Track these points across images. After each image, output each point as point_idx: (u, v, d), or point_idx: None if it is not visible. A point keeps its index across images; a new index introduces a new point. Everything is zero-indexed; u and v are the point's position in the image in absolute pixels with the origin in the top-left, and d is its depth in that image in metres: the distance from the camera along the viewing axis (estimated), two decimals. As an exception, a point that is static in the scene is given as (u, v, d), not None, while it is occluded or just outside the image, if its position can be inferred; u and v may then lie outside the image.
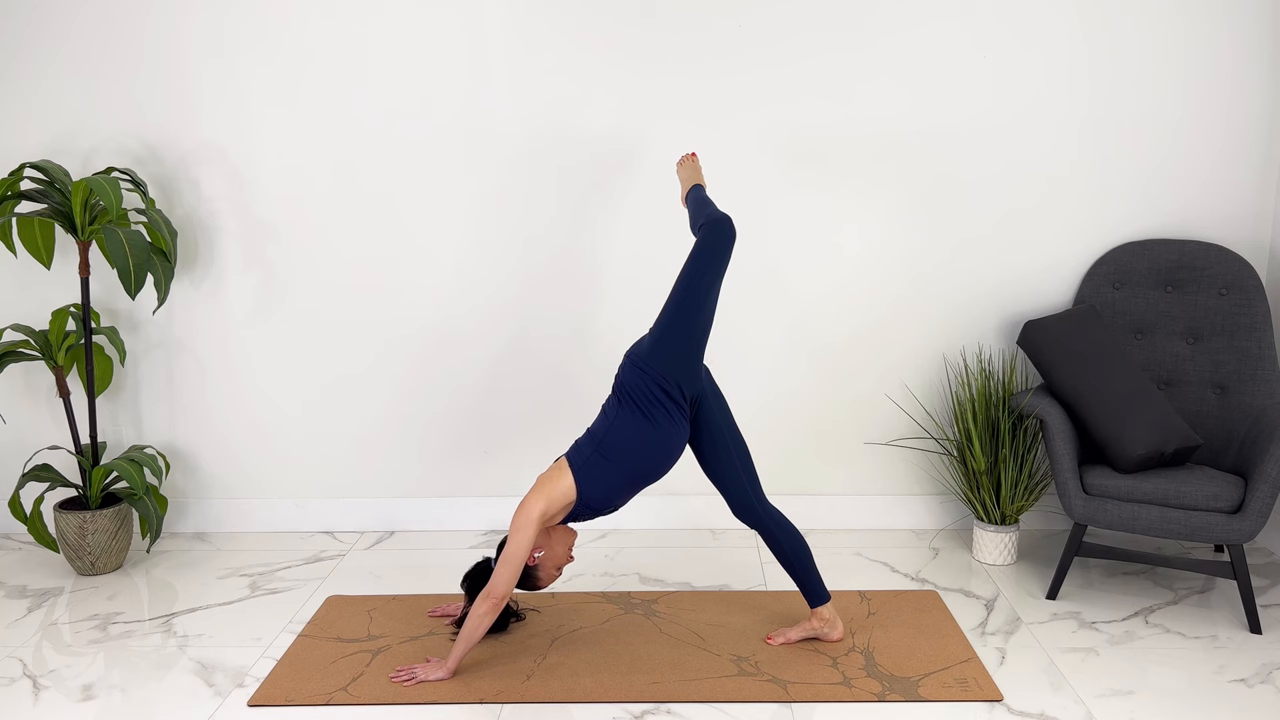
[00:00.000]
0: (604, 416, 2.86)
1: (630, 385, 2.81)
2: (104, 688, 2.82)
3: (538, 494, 2.76)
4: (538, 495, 2.76)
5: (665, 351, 2.81)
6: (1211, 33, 3.57)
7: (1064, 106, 3.63)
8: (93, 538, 3.51)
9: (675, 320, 2.82)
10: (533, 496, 2.76)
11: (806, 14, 3.58)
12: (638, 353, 2.86)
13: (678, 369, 2.80)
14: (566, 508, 2.80)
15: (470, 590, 2.95)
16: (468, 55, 3.63)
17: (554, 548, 2.86)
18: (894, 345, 3.81)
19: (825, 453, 3.88)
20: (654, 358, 2.81)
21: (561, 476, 2.79)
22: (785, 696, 2.71)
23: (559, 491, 2.77)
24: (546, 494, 2.76)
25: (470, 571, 2.99)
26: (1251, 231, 3.68)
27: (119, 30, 3.62)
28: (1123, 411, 3.21)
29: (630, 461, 2.80)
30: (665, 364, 2.80)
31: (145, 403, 3.87)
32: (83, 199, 3.39)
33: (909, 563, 3.60)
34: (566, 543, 2.88)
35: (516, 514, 2.76)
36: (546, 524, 2.80)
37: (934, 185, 3.70)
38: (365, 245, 3.75)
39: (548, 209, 3.72)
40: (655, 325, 2.86)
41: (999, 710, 2.66)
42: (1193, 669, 2.86)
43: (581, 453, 2.82)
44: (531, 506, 2.74)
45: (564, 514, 2.82)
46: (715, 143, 3.66)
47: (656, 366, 2.79)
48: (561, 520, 2.84)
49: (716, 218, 2.86)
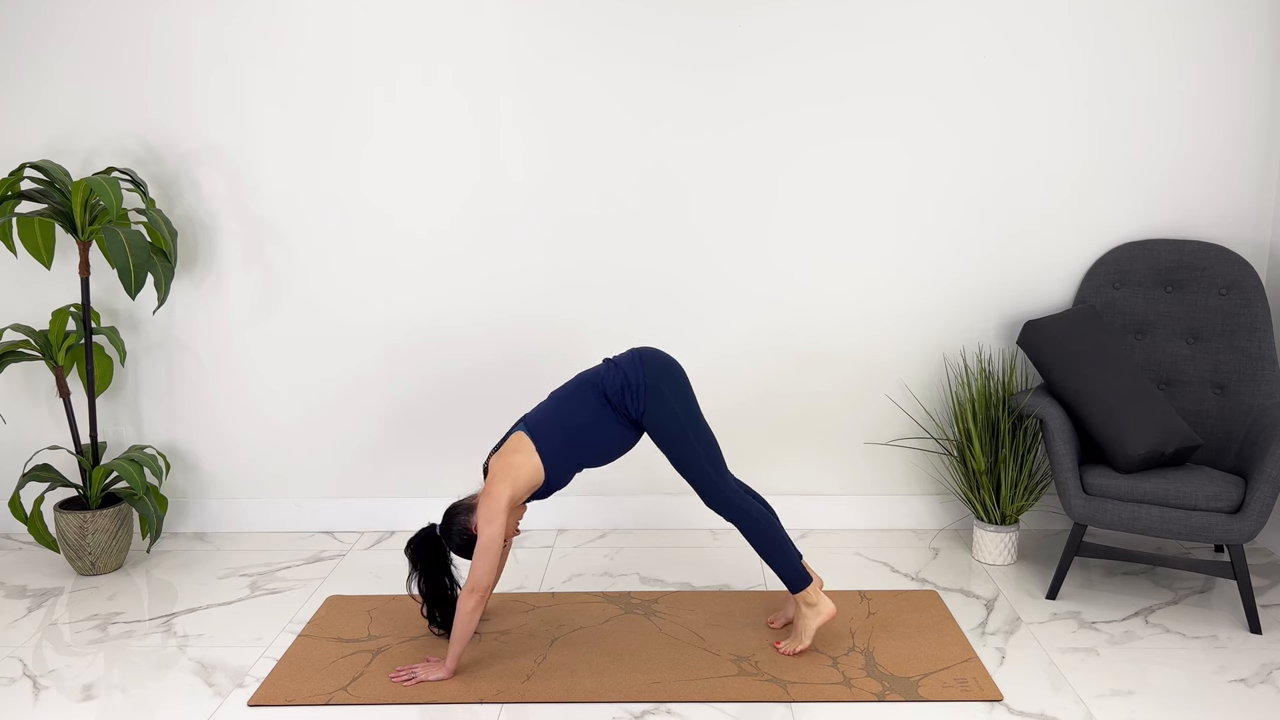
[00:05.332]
0: (582, 406, 2.85)
1: (618, 392, 2.82)
2: (104, 688, 2.82)
3: (503, 481, 2.76)
4: (504, 483, 2.76)
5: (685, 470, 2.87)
6: (1211, 33, 3.57)
7: (1064, 107, 3.63)
8: (93, 538, 3.51)
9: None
10: (499, 485, 2.76)
11: (805, 18, 3.58)
12: (647, 379, 2.83)
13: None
14: (532, 489, 2.82)
15: (414, 557, 2.92)
16: (468, 53, 3.63)
17: (509, 524, 2.88)
18: (894, 345, 3.81)
19: (825, 453, 3.89)
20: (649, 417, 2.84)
21: (527, 462, 2.79)
22: (785, 696, 2.71)
23: (525, 476, 2.78)
24: (512, 481, 2.77)
25: (415, 538, 2.94)
26: (1251, 231, 3.69)
27: (119, 30, 3.62)
28: (1123, 411, 3.21)
29: (590, 456, 2.88)
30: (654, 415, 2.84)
31: (145, 403, 3.87)
32: (83, 199, 3.39)
33: (909, 563, 3.60)
34: (517, 516, 2.90)
35: (484, 503, 2.75)
36: (513, 509, 2.81)
37: (934, 186, 3.70)
38: (365, 245, 3.75)
39: (548, 209, 3.72)
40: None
41: (999, 710, 2.66)
42: (1193, 669, 2.86)
43: (550, 440, 2.81)
44: (500, 495, 2.74)
45: (528, 495, 2.84)
46: (716, 145, 3.66)
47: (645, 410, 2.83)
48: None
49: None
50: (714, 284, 3.77)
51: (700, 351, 3.79)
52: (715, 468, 2.86)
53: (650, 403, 2.81)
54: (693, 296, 3.77)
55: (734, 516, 2.88)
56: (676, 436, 2.82)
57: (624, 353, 2.94)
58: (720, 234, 3.73)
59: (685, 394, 2.86)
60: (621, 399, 2.82)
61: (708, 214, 3.72)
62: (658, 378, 2.83)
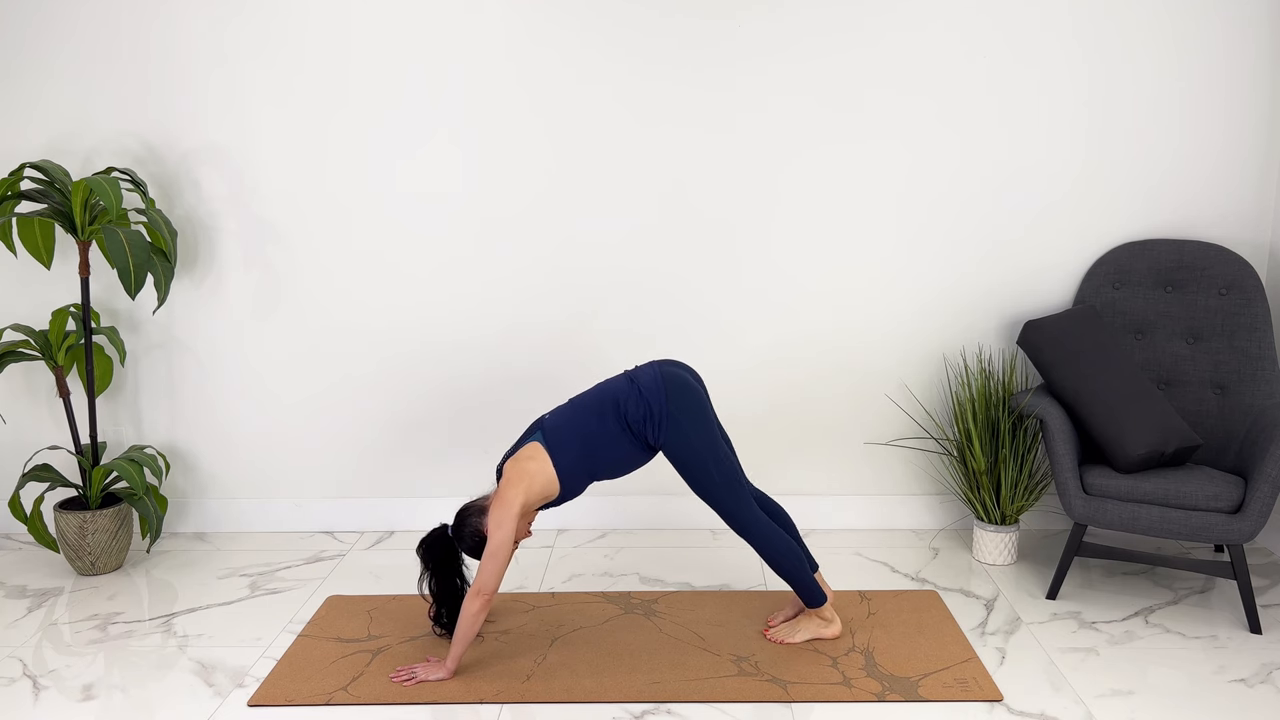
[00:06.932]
0: (600, 423, 2.82)
1: (639, 422, 2.81)
2: (104, 688, 2.82)
3: (517, 487, 2.75)
4: (517, 489, 2.75)
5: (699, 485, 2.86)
6: (1211, 33, 3.57)
7: (1064, 107, 3.63)
8: (93, 538, 3.51)
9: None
10: (512, 490, 2.75)
11: (807, 18, 3.58)
12: (668, 407, 2.81)
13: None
14: (545, 498, 2.81)
15: (425, 557, 2.92)
16: (469, 51, 3.63)
17: (520, 528, 2.86)
18: (894, 345, 3.81)
19: (825, 453, 3.88)
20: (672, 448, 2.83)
21: (541, 471, 2.78)
22: (785, 696, 2.71)
23: (539, 485, 2.77)
24: (525, 489, 2.76)
25: (427, 539, 2.94)
26: (1251, 231, 3.69)
27: (119, 30, 3.62)
28: (1123, 411, 3.21)
29: (605, 470, 2.87)
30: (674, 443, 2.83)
31: (145, 403, 3.87)
32: (83, 199, 3.39)
33: (909, 563, 3.60)
34: (528, 520, 2.88)
35: (496, 508, 2.74)
36: (525, 515, 2.80)
37: (934, 186, 3.70)
38: (365, 245, 3.75)
39: (548, 209, 3.72)
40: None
41: (999, 710, 2.66)
42: (1193, 669, 2.86)
43: (566, 452, 2.80)
44: (513, 501, 2.74)
45: (541, 503, 2.83)
46: (717, 144, 3.66)
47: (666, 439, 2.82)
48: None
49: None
50: (715, 284, 3.76)
51: (701, 351, 3.79)
52: (734, 493, 2.84)
53: (670, 435, 2.80)
54: (694, 296, 3.77)
55: (753, 540, 2.88)
56: (695, 467, 2.82)
57: (646, 367, 2.91)
58: (721, 234, 3.73)
59: (705, 421, 2.83)
60: (643, 429, 2.81)
61: (708, 213, 3.72)
62: (679, 407, 2.80)
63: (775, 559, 2.89)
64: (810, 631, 2.98)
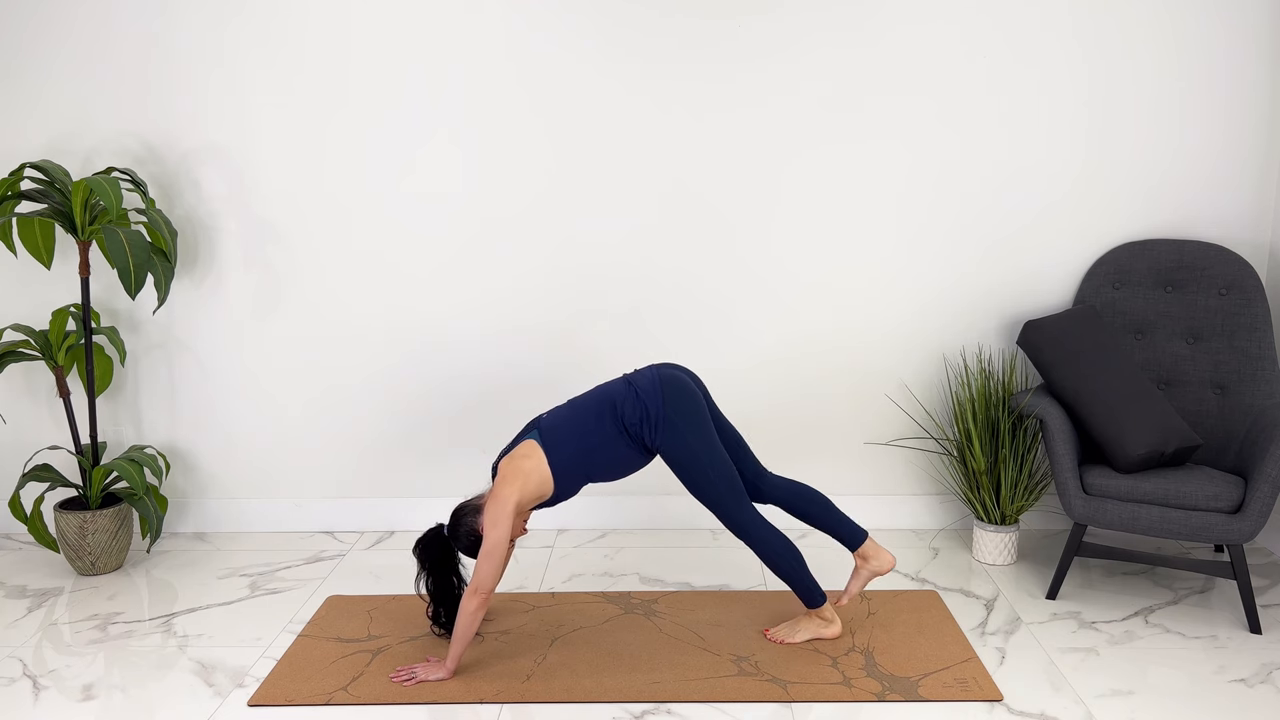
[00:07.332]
0: (598, 424, 2.83)
1: (636, 425, 2.81)
2: (104, 688, 2.82)
3: (511, 485, 2.76)
4: (512, 487, 2.75)
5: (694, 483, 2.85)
6: (1211, 33, 3.57)
7: (1063, 106, 3.63)
8: (93, 538, 3.51)
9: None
10: (507, 488, 2.75)
11: (807, 18, 3.58)
12: (665, 411, 2.82)
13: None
14: (540, 498, 2.82)
15: (421, 557, 2.92)
16: (469, 51, 3.63)
17: (515, 526, 2.87)
18: (894, 345, 3.81)
19: (825, 453, 3.88)
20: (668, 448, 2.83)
21: (536, 469, 2.78)
22: (785, 696, 2.71)
23: (533, 483, 2.78)
24: (520, 487, 2.76)
25: (422, 538, 2.94)
26: (1251, 231, 3.69)
27: (119, 30, 3.62)
28: (1123, 411, 3.21)
29: (601, 472, 2.88)
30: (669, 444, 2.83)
31: (145, 403, 3.87)
32: (83, 199, 3.39)
33: (909, 563, 3.60)
34: (524, 519, 2.89)
35: (491, 506, 2.74)
36: (519, 514, 2.81)
37: (934, 186, 3.70)
38: (365, 245, 3.75)
39: (549, 209, 3.72)
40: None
41: (999, 710, 2.66)
42: (1193, 669, 2.86)
43: (561, 452, 2.81)
44: (507, 499, 2.74)
45: (535, 502, 2.83)
46: (717, 144, 3.66)
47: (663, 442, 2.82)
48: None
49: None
50: (715, 284, 3.76)
51: (701, 351, 3.79)
52: (733, 495, 2.84)
53: (667, 438, 2.80)
54: (694, 297, 3.77)
55: (751, 541, 2.88)
56: (692, 469, 2.82)
57: (644, 371, 2.91)
58: (721, 233, 3.73)
59: (702, 424, 2.83)
60: (639, 432, 2.82)
61: (709, 214, 3.72)
62: (676, 411, 2.81)
63: (773, 560, 2.89)
64: (810, 631, 2.99)
